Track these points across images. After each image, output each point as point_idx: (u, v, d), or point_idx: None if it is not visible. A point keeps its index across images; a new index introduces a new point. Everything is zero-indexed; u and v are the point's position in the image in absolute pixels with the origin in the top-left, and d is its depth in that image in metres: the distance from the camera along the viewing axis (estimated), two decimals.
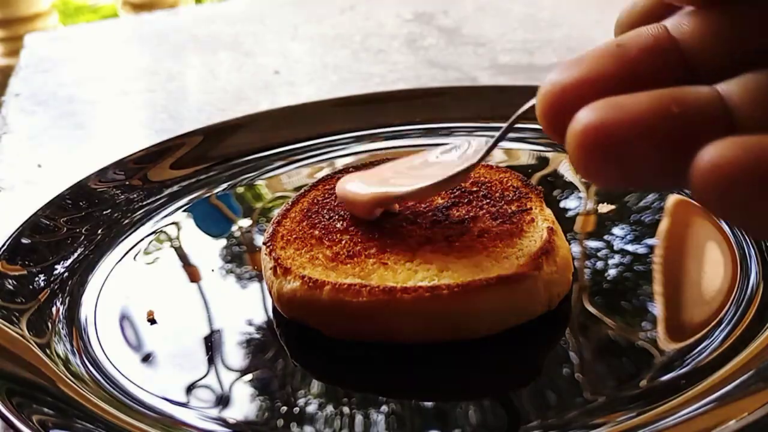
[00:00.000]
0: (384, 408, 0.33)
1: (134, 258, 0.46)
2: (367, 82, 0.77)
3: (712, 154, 0.17)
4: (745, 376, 0.31)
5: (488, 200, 0.40)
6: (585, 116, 0.19)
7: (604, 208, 0.46)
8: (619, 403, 0.32)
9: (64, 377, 0.35)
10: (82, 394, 0.34)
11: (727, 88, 0.20)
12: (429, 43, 0.90)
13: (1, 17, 1.91)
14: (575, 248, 0.42)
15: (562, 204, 0.47)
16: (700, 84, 0.20)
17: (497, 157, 0.53)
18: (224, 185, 0.53)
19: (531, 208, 0.40)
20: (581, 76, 0.20)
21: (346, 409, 0.34)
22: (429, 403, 0.33)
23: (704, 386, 0.31)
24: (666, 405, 0.31)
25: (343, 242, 0.39)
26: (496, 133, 0.30)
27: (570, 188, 0.49)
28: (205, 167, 0.55)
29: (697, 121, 0.19)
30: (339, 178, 0.43)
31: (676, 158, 0.19)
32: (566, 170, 0.51)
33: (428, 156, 0.38)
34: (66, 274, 0.44)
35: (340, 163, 0.54)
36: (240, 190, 0.53)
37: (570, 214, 0.45)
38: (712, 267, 0.40)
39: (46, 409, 0.33)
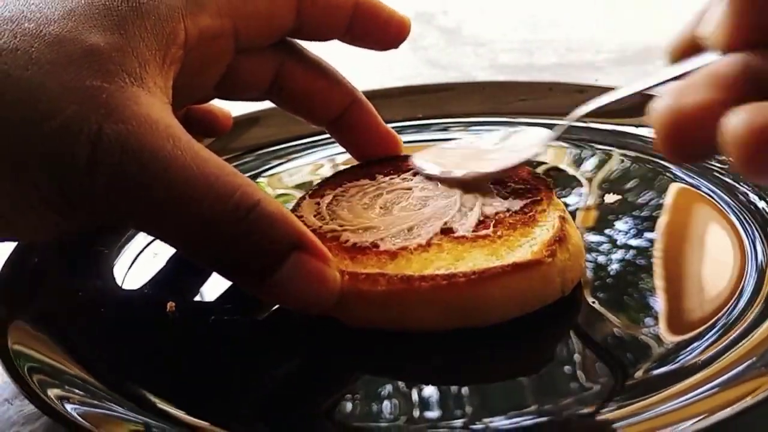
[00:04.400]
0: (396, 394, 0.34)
1: (154, 254, 0.46)
2: (367, 81, 0.78)
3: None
4: (749, 362, 0.32)
5: (500, 192, 0.42)
6: (742, 119, 0.22)
7: (611, 198, 0.47)
8: (625, 391, 0.33)
9: (85, 362, 0.36)
10: (103, 378, 0.35)
11: None
12: (429, 43, 0.91)
13: None
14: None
15: (564, 199, 0.47)
16: None
17: None
18: None
19: (542, 199, 0.41)
20: (696, 102, 0.24)
21: (361, 397, 0.35)
22: (445, 389, 0.34)
23: (706, 374, 0.32)
24: (669, 391, 0.32)
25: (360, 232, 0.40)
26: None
27: (573, 182, 0.50)
28: None
29: None
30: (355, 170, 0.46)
31: None
32: (568, 165, 0.52)
33: (482, 144, 0.46)
34: (86, 267, 0.44)
35: (340, 160, 0.55)
36: None
37: (571, 208, 0.46)
38: (720, 253, 0.41)
39: (67, 386, 0.34)
